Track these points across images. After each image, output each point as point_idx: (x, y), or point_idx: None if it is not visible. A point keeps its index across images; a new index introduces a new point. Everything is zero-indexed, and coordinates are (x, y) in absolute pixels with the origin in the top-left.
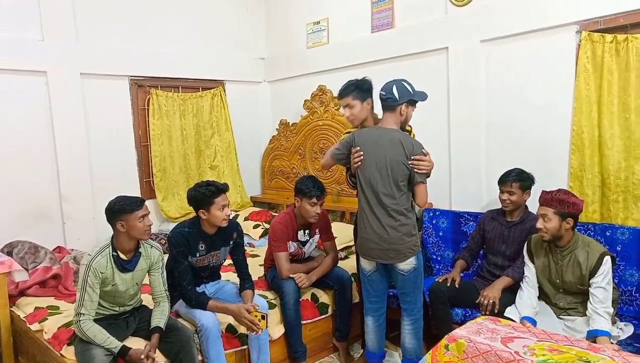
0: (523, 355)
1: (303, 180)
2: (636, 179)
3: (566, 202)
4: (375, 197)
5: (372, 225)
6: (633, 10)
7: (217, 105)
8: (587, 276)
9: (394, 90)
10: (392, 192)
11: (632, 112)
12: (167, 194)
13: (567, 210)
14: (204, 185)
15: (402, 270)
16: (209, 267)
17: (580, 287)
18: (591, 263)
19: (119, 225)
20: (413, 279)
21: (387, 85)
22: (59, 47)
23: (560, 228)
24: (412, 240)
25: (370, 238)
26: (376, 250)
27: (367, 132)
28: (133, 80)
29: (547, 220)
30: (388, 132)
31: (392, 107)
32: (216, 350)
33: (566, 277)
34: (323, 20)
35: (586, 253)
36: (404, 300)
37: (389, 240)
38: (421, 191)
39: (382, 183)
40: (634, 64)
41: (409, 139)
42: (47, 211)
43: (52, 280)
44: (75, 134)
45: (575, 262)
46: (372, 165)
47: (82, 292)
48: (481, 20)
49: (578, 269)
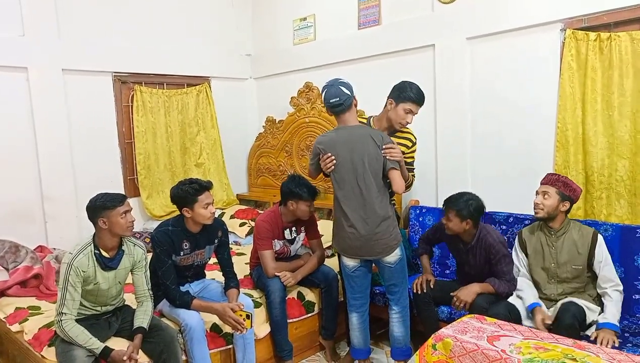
0: (509, 354)
1: (296, 184)
2: (619, 176)
3: (570, 186)
4: (356, 194)
5: (355, 222)
6: (616, 9)
7: (202, 101)
8: (585, 255)
9: (344, 90)
10: (372, 187)
11: (615, 110)
12: (151, 192)
13: (568, 194)
14: (187, 183)
15: (389, 262)
16: (193, 266)
17: (575, 266)
18: (587, 241)
19: (100, 222)
20: (400, 269)
21: (333, 91)
22: (40, 42)
23: (556, 208)
24: (395, 231)
25: (353, 236)
26: (360, 247)
27: (333, 135)
28: (116, 76)
29: (547, 197)
30: (355, 129)
31: (348, 105)
32: (200, 350)
33: (561, 258)
34: (310, 17)
35: (580, 233)
36: (392, 291)
37: (374, 235)
38: (396, 177)
39: (362, 179)
40: (617, 62)
41: (375, 131)
42: (29, 210)
43: (33, 280)
44: (57, 131)
45: (571, 241)
46: (348, 164)
47: (64, 291)
48: (467, 17)
49: (574, 247)
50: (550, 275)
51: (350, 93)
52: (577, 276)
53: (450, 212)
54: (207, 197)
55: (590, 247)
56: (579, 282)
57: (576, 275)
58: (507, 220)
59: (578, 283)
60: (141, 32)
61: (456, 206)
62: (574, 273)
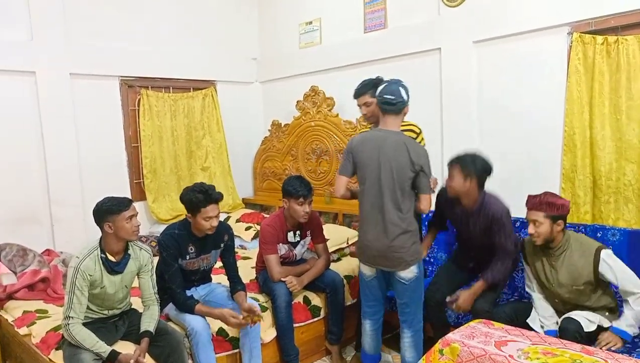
0: (517, 359)
1: (289, 181)
2: (627, 180)
3: (555, 204)
4: (379, 201)
5: (375, 230)
6: (624, 12)
7: (208, 105)
8: (588, 276)
9: (402, 92)
10: (397, 197)
11: (623, 114)
12: (157, 196)
13: (557, 213)
14: (196, 190)
15: (403, 278)
16: (199, 271)
17: (576, 287)
18: (588, 261)
19: (106, 226)
20: (414, 288)
21: (392, 88)
22: (48, 47)
23: (552, 231)
24: (414, 247)
25: (371, 245)
26: (378, 257)
27: (367, 136)
28: (123, 81)
29: (538, 224)
30: (392, 135)
31: (399, 109)
32: (206, 354)
33: (561, 278)
34: (315, 21)
35: (581, 252)
36: (404, 312)
37: (392, 247)
38: (425, 200)
39: (386, 187)
40: (625, 65)
41: (413, 143)
42: (36, 213)
43: (40, 284)
44: (64, 135)
45: (570, 261)
46: (375, 169)
47: (71, 295)
48: (474, 21)
49: (574, 268)
50: (552, 295)
51: (406, 99)
52: (579, 296)
53: (454, 168)
54: (212, 210)
55: (594, 267)
56: (583, 300)
57: (578, 296)
58: (513, 224)
59: (583, 302)
60: (148, 36)
61: (460, 161)
62: (575, 294)
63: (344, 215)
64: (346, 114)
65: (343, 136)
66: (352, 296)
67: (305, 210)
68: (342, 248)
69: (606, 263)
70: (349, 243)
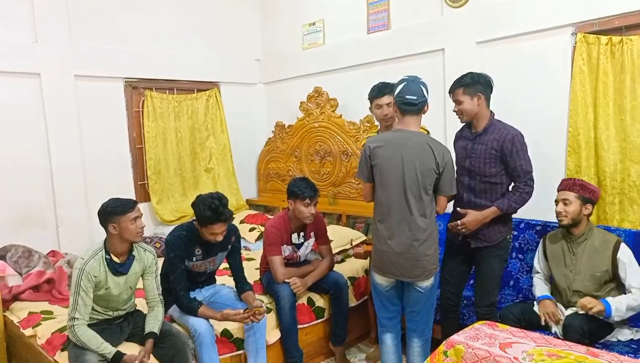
0: (522, 361)
1: (295, 182)
2: (632, 181)
3: (587, 188)
4: (403, 206)
5: (398, 237)
6: (628, 13)
7: (212, 107)
8: (607, 263)
9: (424, 91)
10: (422, 201)
11: (628, 114)
12: (161, 197)
13: (588, 196)
14: (207, 206)
15: (420, 287)
16: (206, 273)
17: (592, 274)
18: (609, 247)
19: (110, 227)
20: (428, 297)
21: (414, 88)
22: (53, 48)
23: (580, 213)
24: (435, 254)
25: (390, 255)
26: (397, 266)
27: (387, 137)
28: (127, 82)
29: (567, 203)
30: (414, 135)
31: (420, 109)
32: (210, 355)
33: (580, 265)
34: (319, 22)
35: (602, 241)
36: (414, 320)
37: (416, 254)
38: (443, 202)
39: (411, 191)
40: (629, 66)
41: (436, 142)
42: (41, 215)
43: (45, 285)
44: (69, 137)
45: (592, 248)
46: (398, 172)
47: (76, 296)
48: (477, 21)
49: (594, 254)
50: (567, 283)
51: (427, 97)
52: (594, 285)
53: (458, 92)
54: (219, 228)
55: (612, 255)
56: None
57: (593, 284)
58: (518, 226)
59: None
60: (152, 38)
61: (461, 83)
62: (592, 282)
63: (348, 216)
64: (350, 115)
65: (346, 137)
66: (355, 298)
67: (310, 212)
68: (346, 249)
69: (623, 254)
70: (352, 244)
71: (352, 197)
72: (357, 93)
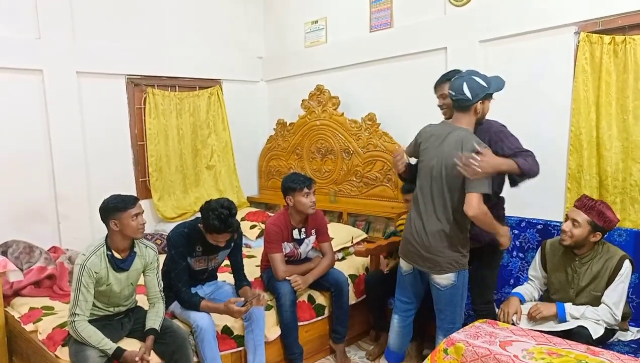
0: (522, 359)
1: (288, 178)
2: (633, 181)
3: (604, 216)
4: (426, 198)
5: (416, 227)
6: (631, 12)
7: (214, 104)
8: (605, 281)
9: (465, 89)
10: (444, 196)
11: (630, 114)
12: (163, 194)
13: (602, 225)
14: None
15: (438, 283)
16: (207, 270)
17: (593, 292)
18: (611, 267)
19: (112, 224)
20: (449, 296)
21: (457, 83)
22: (55, 45)
23: (586, 239)
24: (454, 254)
25: (410, 241)
26: (414, 254)
27: (435, 127)
28: (129, 79)
29: (576, 225)
30: (455, 130)
31: (466, 107)
32: (211, 351)
33: (582, 283)
34: (321, 20)
35: (606, 258)
36: (439, 317)
37: (428, 247)
38: (472, 200)
39: (435, 184)
40: (632, 65)
41: (472, 137)
42: (43, 211)
43: (47, 280)
44: (71, 133)
45: (596, 268)
46: (429, 164)
47: (77, 292)
48: (480, 20)
49: (597, 274)
50: (569, 299)
51: (470, 96)
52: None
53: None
54: (224, 237)
55: (613, 270)
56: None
57: (593, 301)
58: (519, 225)
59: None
60: (154, 35)
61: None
62: (592, 299)
63: (349, 214)
64: (351, 113)
65: (348, 135)
66: (356, 295)
67: (312, 200)
68: (347, 247)
69: (622, 269)
70: (353, 242)
71: (353, 195)
72: (359, 91)
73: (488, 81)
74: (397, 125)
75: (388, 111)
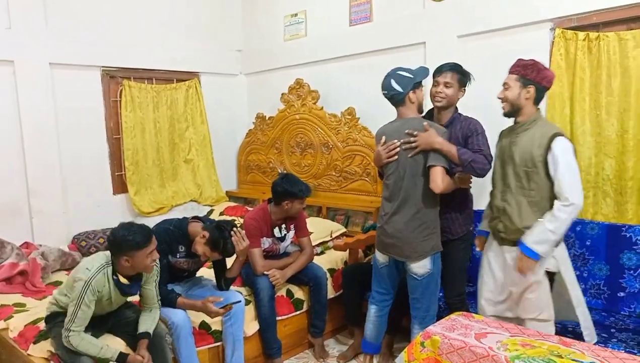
0: (496, 350)
1: (292, 183)
2: (605, 175)
3: (531, 66)
4: (397, 188)
5: (388, 218)
6: (605, 9)
7: (192, 97)
8: (539, 160)
9: (394, 84)
10: (414, 185)
11: (603, 109)
12: (139, 188)
13: (530, 77)
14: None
15: (415, 273)
16: (189, 271)
17: (524, 168)
18: (543, 142)
19: (123, 260)
20: (426, 285)
21: (385, 82)
22: (27, 35)
23: (519, 97)
24: (430, 239)
25: (386, 232)
26: (391, 245)
27: (389, 124)
28: (105, 71)
29: (507, 87)
30: (410, 121)
31: (401, 100)
32: (187, 347)
33: (516, 155)
34: (301, 13)
35: (540, 133)
36: (414, 307)
37: (402, 237)
38: (433, 176)
39: (403, 174)
40: (605, 62)
41: (432, 124)
42: (14, 205)
43: (18, 277)
44: (43, 126)
45: (529, 139)
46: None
47: (77, 307)
48: (458, 15)
49: (529, 148)
50: (502, 175)
51: (401, 89)
52: (524, 180)
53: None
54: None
55: (545, 150)
56: (526, 187)
57: (523, 179)
58: None
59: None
60: (130, 26)
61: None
62: (522, 176)
63: (328, 208)
64: (331, 107)
65: (327, 129)
66: (335, 289)
67: (303, 207)
68: (326, 241)
69: (553, 151)
70: (332, 236)
71: (333, 189)
72: (339, 85)
73: (413, 72)
74: (376, 119)
75: (367, 105)
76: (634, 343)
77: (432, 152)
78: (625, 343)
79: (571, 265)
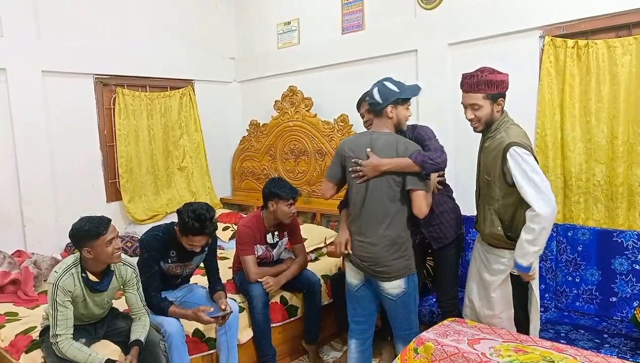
0: (489, 357)
1: (276, 184)
2: (596, 181)
3: (494, 82)
4: (364, 211)
5: (359, 236)
6: (594, 17)
7: (185, 105)
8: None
9: (375, 93)
10: (382, 202)
11: (592, 116)
12: (133, 196)
13: (498, 90)
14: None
15: (389, 294)
16: (182, 276)
17: (487, 177)
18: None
19: (85, 252)
20: (402, 304)
21: (370, 89)
22: (20, 43)
23: (492, 113)
24: (402, 260)
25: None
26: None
27: (358, 138)
28: (98, 79)
29: (477, 108)
30: (382, 136)
31: (378, 111)
32: (180, 356)
33: (483, 163)
34: (294, 21)
35: (500, 140)
36: (394, 327)
37: (376, 259)
38: (417, 199)
39: (372, 195)
40: (594, 68)
41: (404, 141)
42: (6, 214)
43: (10, 286)
44: (36, 134)
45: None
46: None
47: (54, 311)
48: (449, 23)
49: (489, 155)
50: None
51: (380, 100)
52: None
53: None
54: (199, 241)
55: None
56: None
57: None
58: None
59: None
60: (124, 34)
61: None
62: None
63: (322, 214)
64: (324, 114)
65: (321, 136)
66: (329, 296)
67: (292, 211)
68: (320, 248)
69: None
70: (326, 243)
71: None
72: (332, 92)
73: (402, 87)
74: None
75: None
76: (626, 349)
77: (408, 174)
78: (617, 349)
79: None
